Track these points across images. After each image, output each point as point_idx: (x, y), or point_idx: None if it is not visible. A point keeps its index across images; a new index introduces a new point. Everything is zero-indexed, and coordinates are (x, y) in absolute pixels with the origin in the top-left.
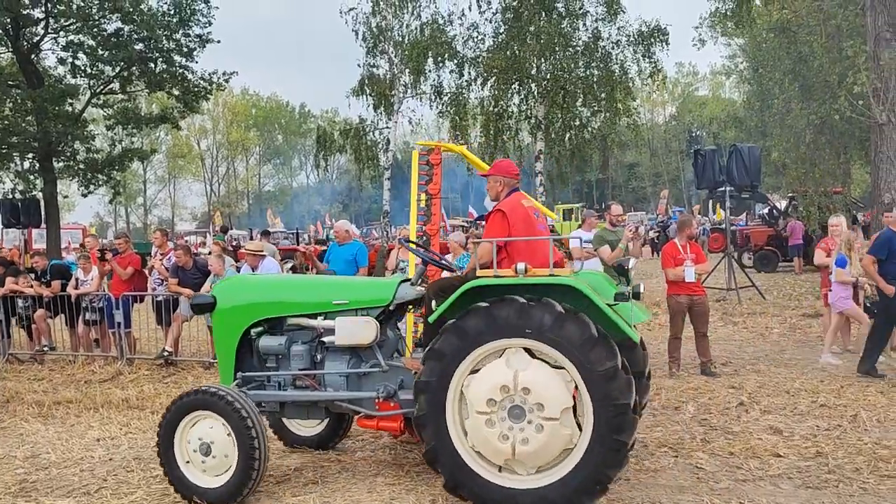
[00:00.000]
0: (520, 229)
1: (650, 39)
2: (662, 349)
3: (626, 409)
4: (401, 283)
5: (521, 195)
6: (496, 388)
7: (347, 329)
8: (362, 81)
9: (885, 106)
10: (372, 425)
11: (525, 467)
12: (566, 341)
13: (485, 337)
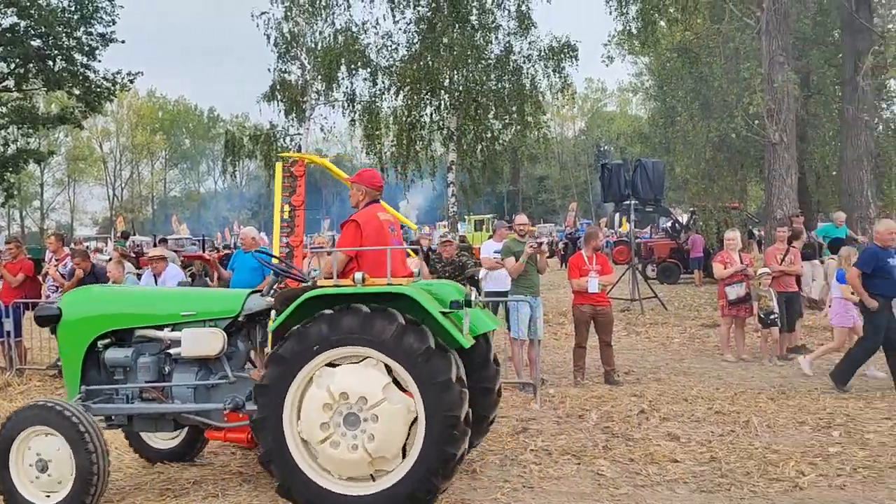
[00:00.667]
0: (371, 241)
1: (560, 55)
2: (569, 358)
3: (457, 422)
4: (250, 295)
5: (379, 207)
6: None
7: (193, 340)
8: (273, 87)
9: (779, 126)
10: (220, 437)
11: (392, 462)
12: (404, 352)
13: (327, 344)
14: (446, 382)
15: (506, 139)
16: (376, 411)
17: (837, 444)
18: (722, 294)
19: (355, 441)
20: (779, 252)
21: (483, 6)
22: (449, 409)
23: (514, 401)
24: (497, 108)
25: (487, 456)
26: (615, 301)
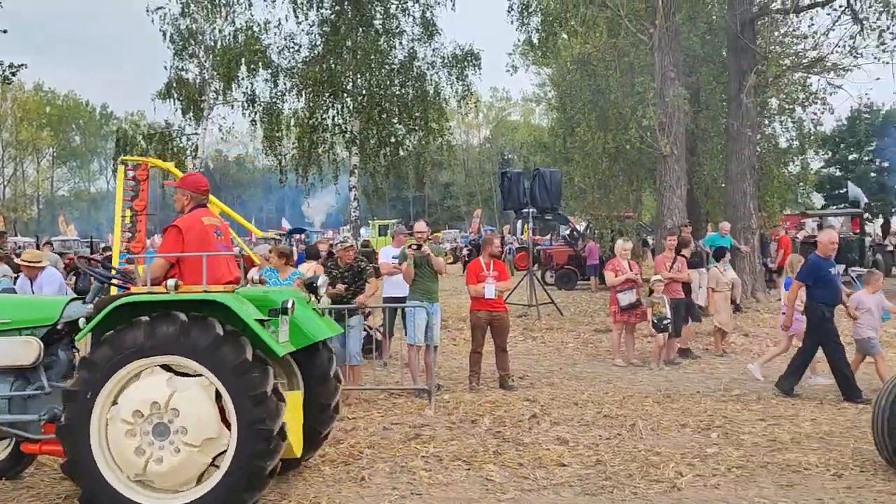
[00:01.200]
0: (194, 247)
1: (463, 63)
2: (466, 363)
3: (270, 435)
4: (70, 302)
5: (205, 212)
6: (147, 403)
7: (4, 350)
8: (169, 84)
9: (669, 139)
10: (35, 449)
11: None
12: (220, 362)
13: (141, 352)
14: (261, 395)
15: (409, 145)
16: (183, 448)
17: (715, 445)
18: (614, 301)
19: (148, 448)
20: (667, 260)
21: (387, 11)
22: (262, 423)
23: (409, 407)
24: (401, 113)
25: (377, 463)
26: (513, 307)
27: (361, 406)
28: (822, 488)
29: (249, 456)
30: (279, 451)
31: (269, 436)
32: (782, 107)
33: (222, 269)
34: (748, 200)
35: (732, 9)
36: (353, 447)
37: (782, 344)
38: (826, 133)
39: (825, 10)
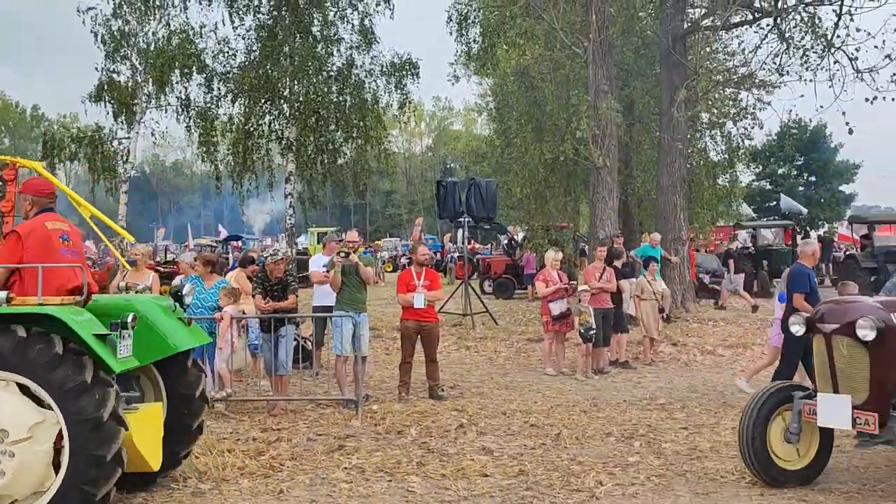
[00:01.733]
0: (35, 253)
1: (402, 71)
2: (398, 373)
3: (103, 462)
4: None
5: (49, 217)
6: None
7: None
8: (101, 87)
9: (602, 151)
10: None
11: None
12: (56, 383)
13: None
14: (96, 420)
15: (347, 152)
16: (15, 448)
17: (637, 453)
18: (546, 310)
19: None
20: (597, 270)
21: (326, 18)
22: (96, 449)
23: (336, 418)
24: (338, 120)
25: (297, 476)
26: (448, 316)
27: (287, 417)
28: (735, 496)
29: (80, 481)
30: (112, 477)
31: (102, 462)
32: (713, 121)
33: (65, 277)
34: (679, 212)
35: (664, 24)
36: (275, 459)
37: (769, 356)
38: (756, 147)
39: (753, 28)
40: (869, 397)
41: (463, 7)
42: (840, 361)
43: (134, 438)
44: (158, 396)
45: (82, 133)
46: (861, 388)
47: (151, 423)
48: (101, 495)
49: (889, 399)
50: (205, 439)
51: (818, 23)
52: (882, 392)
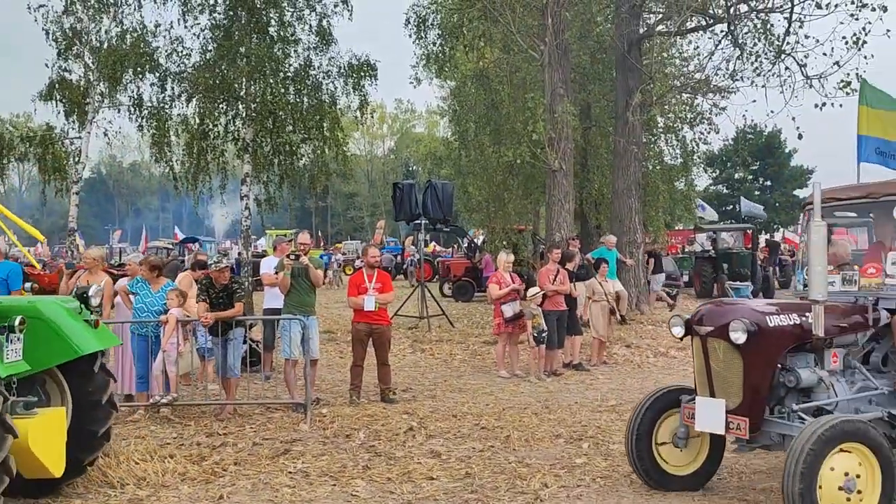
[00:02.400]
0: None
1: (359, 73)
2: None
3: None
4: None
5: None
6: None
7: None
8: (52, 85)
9: (558, 154)
10: None
11: None
12: None
13: None
14: None
15: (305, 154)
16: None
17: (585, 455)
18: (498, 313)
19: None
20: (551, 272)
21: (283, 19)
22: None
23: (284, 422)
24: (295, 121)
25: (240, 481)
26: (404, 319)
27: (234, 421)
28: (678, 496)
29: None
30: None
31: None
32: (668, 125)
33: None
34: (634, 215)
35: (620, 29)
36: (218, 464)
37: None
38: (713, 152)
39: (707, 34)
40: (742, 401)
41: (421, 10)
42: (715, 364)
43: (31, 444)
44: (64, 401)
45: (32, 133)
46: (735, 392)
47: (52, 428)
48: None
49: (763, 403)
50: (147, 444)
51: (770, 29)
52: (755, 396)
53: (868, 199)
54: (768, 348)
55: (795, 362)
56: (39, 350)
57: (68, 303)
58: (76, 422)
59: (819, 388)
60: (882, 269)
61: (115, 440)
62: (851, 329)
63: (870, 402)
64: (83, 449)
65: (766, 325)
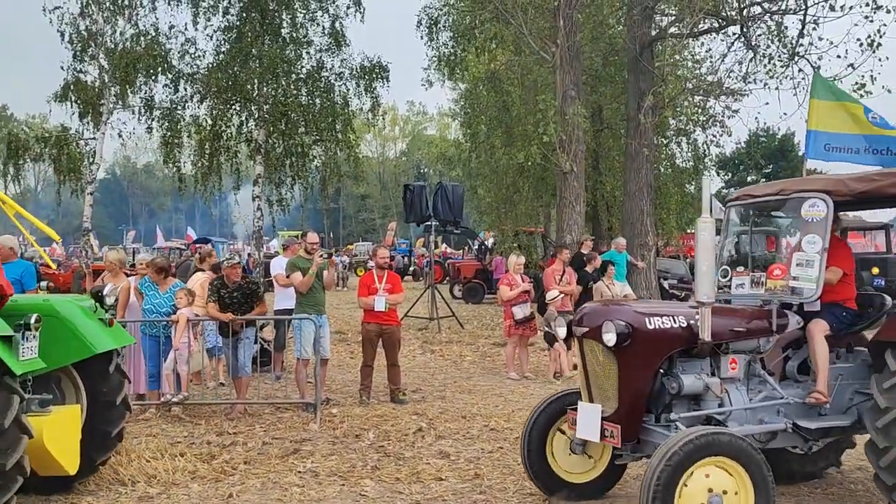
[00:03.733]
0: None
1: (371, 75)
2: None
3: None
4: None
5: None
6: None
7: None
8: (66, 87)
9: (569, 156)
10: None
11: None
12: None
13: None
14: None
15: (316, 155)
16: None
17: None
18: (509, 314)
19: None
20: (556, 273)
21: (295, 20)
22: None
23: (294, 421)
24: (307, 123)
25: (249, 480)
26: (415, 320)
27: (245, 420)
28: None
29: None
30: (12, 487)
31: (2, 470)
32: (680, 128)
33: None
34: (645, 218)
35: (632, 31)
36: (228, 463)
37: None
38: (726, 155)
39: (720, 35)
40: (618, 407)
41: (433, 12)
42: (592, 368)
43: (46, 442)
44: (79, 400)
45: (48, 133)
46: (611, 398)
47: (67, 426)
48: None
49: (640, 410)
50: (158, 443)
51: (784, 30)
52: (632, 402)
53: (779, 197)
54: (646, 352)
55: (684, 368)
56: (55, 348)
57: (83, 301)
58: (90, 421)
59: (708, 397)
60: (787, 271)
61: (126, 438)
62: (751, 334)
63: (777, 412)
64: (97, 448)
65: (642, 327)
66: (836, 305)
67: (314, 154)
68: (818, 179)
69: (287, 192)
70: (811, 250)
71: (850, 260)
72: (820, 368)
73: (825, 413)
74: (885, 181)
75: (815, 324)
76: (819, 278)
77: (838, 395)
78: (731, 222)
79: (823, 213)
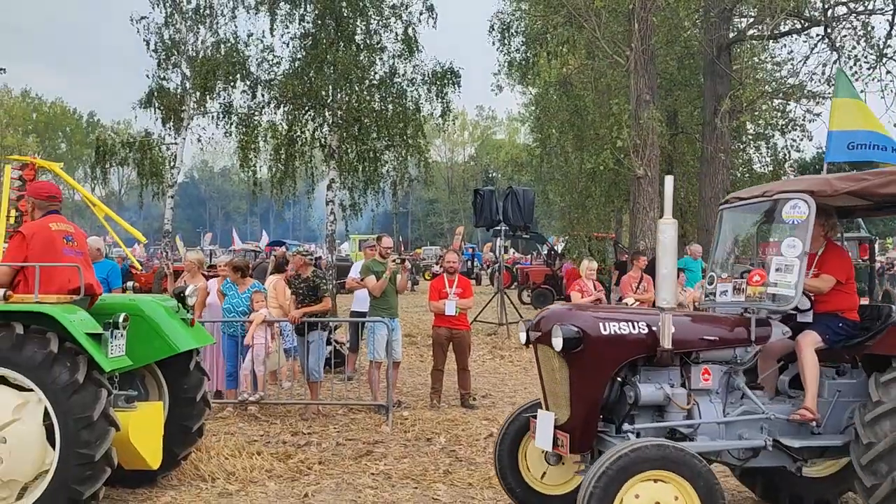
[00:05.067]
0: (38, 253)
1: (443, 80)
2: (430, 380)
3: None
4: None
5: (54, 219)
6: None
7: None
8: (150, 93)
9: (643, 161)
10: None
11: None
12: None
13: None
14: (86, 419)
15: (388, 160)
16: (4, 433)
17: None
18: None
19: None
20: (633, 280)
21: (368, 27)
22: (85, 447)
23: (366, 423)
24: (379, 128)
25: (324, 480)
26: (484, 325)
27: (319, 421)
28: None
29: (68, 480)
30: (100, 477)
31: (91, 461)
32: (758, 132)
33: (66, 277)
34: None
35: (709, 34)
36: (303, 462)
37: None
38: (806, 160)
39: (802, 37)
40: (570, 416)
41: (506, 17)
42: (546, 374)
43: (132, 436)
44: (162, 396)
45: (132, 138)
46: (564, 405)
47: (151, 421)
48: (89, 494)
49: (591, 419)
50: (236, 441)
51: (870, 31)
52: (584, 411)
53: (764, 199)
54: (599, 358)
55: (649, 377)
56: (140, 346)
57: (167, 302)
58: (172, 417)
59: (672, 408)
60: (766, 277)
61: (206, 435)
62: (725, 343)
63: (761, 429)
64: (178, 443)
65: (595, 333)
66: (832, 316)
67: (385, 159)
68: (803, 180)
69: (359, 196)
70: (790, 254)
71: (846, 267)
72: (809, 383)
73: (819, 432)
74: (875, 180)
75: (804, 335)
76: (798, 284)
77: (835, 413)
78: (723, 226)
79: (805, 215)
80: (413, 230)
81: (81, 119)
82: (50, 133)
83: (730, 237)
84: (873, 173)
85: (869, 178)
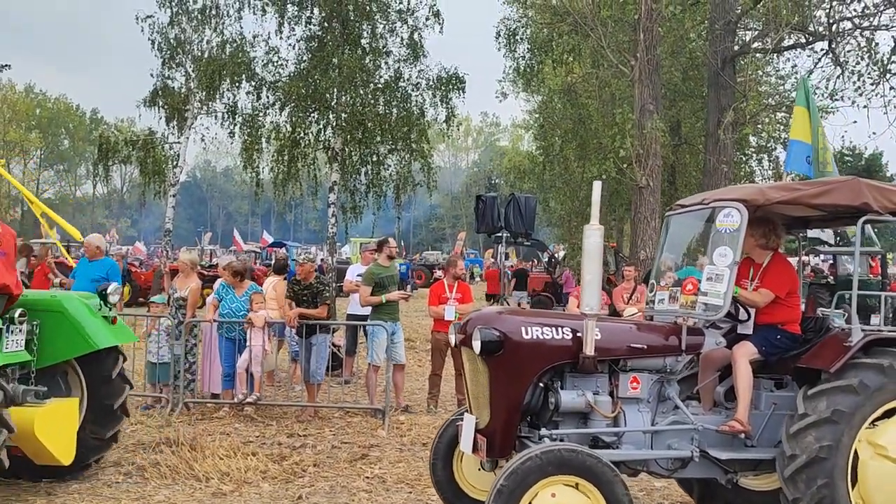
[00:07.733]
0: None
1: (448, 86)
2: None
3: None
4: None
5: None
6: None
7: None
8: (155, 92)
9: (646, 171)
10: None
11: None
12: None
13: None
14: None
15: (391, 164)
16: None
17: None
18: None
19: None
20: (625, 291)
21: (375, 31)
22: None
23: (363, 426)
24: (383, 132)
25: (318, 482)
26: None
27: (315, 423)
28: None
29: None
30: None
31: None
32: (761, 145)
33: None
34: None
35: (713, 45)
36: (298, 464)
37: None
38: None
39: (806, 51)
40: (490, 419)
41: (512, 24)
42: (469, 376)
43: (38, 432)
44: (75, 391)
45: (135, 136)
46: (484, 408)
47: (62, 418)
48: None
49: (510, 423)
50: (231, 441)
51: (874, 47)
52: (503, 415)
53: (702, 206)
54: (519, 362)
55: (575, 383)
56: (60, 343)
57: (89, 299)
58: (94, 400)
59: (595, 416)
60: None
61: (201, 435)
62: (654, 352)
63: (692, 439)
64: (104, 424)
65: (517, 337)
66: (771, 328)
67: (389, 163)
68: (738, 188)
69: (361, 199)
70: (721, 263)
71: (789, 280)
72: (741, 395)
73: (752, 444)
74: (808, 190)
75: (739, 346)
76: (727, 294)
77: (770, 426)
78: (668, 234)
79: (737, 224)
80: (415, 235)
81: (85, 116)
82: (53, 129)
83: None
84: (807, 183)
85: (802, 187)
